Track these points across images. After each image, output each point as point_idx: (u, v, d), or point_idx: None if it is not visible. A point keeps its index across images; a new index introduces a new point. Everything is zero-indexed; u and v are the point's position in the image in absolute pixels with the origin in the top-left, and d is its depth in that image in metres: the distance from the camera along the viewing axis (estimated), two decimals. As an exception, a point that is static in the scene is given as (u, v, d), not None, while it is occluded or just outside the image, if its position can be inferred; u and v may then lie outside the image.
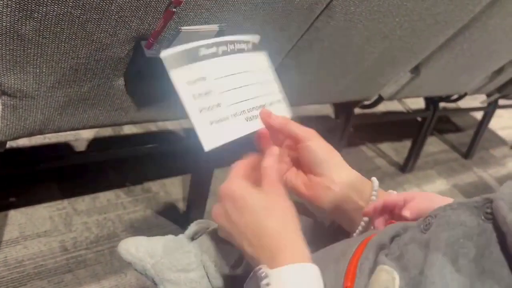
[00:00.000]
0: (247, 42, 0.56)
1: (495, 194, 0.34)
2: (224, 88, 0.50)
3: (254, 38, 0.57)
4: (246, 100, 0.52)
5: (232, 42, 0.54)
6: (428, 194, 0.49)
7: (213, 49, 0.51)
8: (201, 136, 0.47)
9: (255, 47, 0.57)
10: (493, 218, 0.33)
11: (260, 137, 0.54)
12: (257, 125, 0.52)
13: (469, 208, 0.35)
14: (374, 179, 0.53)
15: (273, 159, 0.48)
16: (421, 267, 0.34)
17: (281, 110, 0.57)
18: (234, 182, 0.46)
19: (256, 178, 0.48)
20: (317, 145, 0.53)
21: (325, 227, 0.56)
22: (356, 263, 0.40)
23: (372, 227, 0.50)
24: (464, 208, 0.36)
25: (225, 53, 0.52)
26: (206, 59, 0.50)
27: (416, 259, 0.36)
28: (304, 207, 0.56)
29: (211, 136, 0.48)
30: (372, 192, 0.51)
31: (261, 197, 0.44)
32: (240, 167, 0.48)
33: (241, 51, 0.54)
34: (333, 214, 0.53)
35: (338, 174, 0.52)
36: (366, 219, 0.50)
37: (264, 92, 0.55)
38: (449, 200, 0.47)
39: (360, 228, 0.50)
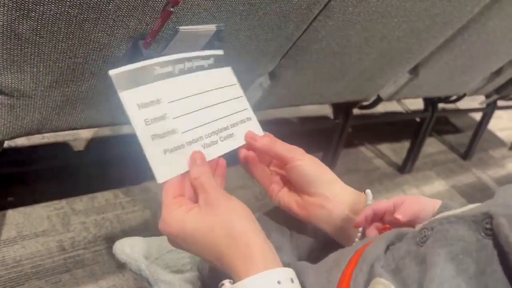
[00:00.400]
0: (207, 57, 0.52)
1: (494, 207, 0.33)
2: (180, 112, 0.47)
3: (217, 52, 0.54)
4: (204, 124, 0.49)
5: (189, 59, 0.50)
6: (417, 198, 0.48)
7: (169, 68, 0.47)
8: (153, 167, 0.43)
9: (218, 63, 0.53)
10: (493, 234, 0.32)
11: (248, 160, 0.52)
12: (215, 152, 0.49)
13: (467, 222, 0.35)
14: (368, 191, 0.52)
15: (199, 168, 0.45)
16: (420, 283, 0.34)
17: (252, 128, 0.54)
18: (167, 218, 0.43)
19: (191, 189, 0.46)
20: (306, 164, 0.51)
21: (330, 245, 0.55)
22: (350, 274, 0.39)
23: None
24: (461, 222, 0.35)
25: (182, 71, 0.49)
26: (161, 79, 0.46)
27: (414, 275, 0.35)
28: (306, 227, 0.55)
29: (164, 167, 0.44)
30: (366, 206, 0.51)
31: (199, 220, 0.42)
32: (169, 192, 0.44)
33: (200, 68, 0.51)
34: (330, 232, 0.52)
35: (330, 191, 0.51)
36: (360, 229, 0.49)
37: (229, 111, 0.52)
38: (436, 202, 0.47)
39: (356, 239, 0.50)
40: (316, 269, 0.45)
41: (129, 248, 0.56)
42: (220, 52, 0.54)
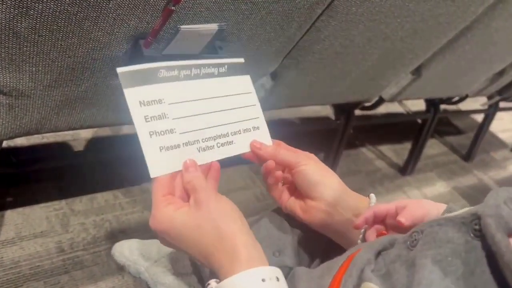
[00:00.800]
0: (220, 65, 0.53)
1: (482, 208, 0.33)
2: (180, 114, 0.48)
3: (234, 60, 0.55)
4: (203, 129, 0.50)
5: (198, 66, 0.51)
6: (419, 201, 0.48)
7: (175, 72, 0.49)
8: (148, 161, 0.45)
9: (234, 71, 0.54)
10: (481, 235, 0.32)
11: (269, 171, 0.53)
12: (209, 157, 0.50)
13: (456, 224, 0.35)
14: (372, 195, 0.52)
15: (191, 173, 0.46)
16: (409, 286, 0.34)
17: (258, 138, 0.54)
18: (158, 215, 0.43)
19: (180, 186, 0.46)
20: (309, 169, 0.52)
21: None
22: (340, 279, 0.39)
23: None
24: (451, 224, 0.35)
25: (187, 77, 0.50)
26: (166, 82, 0.48)
27: (404, 279, 0.35)
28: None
29: (158, 163, 0.45)
30: None
31: (188, 218, 0.42)
32: (159, 189, 0.45)
33: (209, 75, 0.52)
34: (332, 237, 0.53)
35: (333, 196, 0.51)
36: (361, 231, 0.49)
37: (235, 119, 0.53)
38: (441, 206, 0.46)
39: (359, 241, 0.49)
40: (309, 275, 0.45)
41: (128, 251, 0.55)
42: (239, 60, 0.56)
